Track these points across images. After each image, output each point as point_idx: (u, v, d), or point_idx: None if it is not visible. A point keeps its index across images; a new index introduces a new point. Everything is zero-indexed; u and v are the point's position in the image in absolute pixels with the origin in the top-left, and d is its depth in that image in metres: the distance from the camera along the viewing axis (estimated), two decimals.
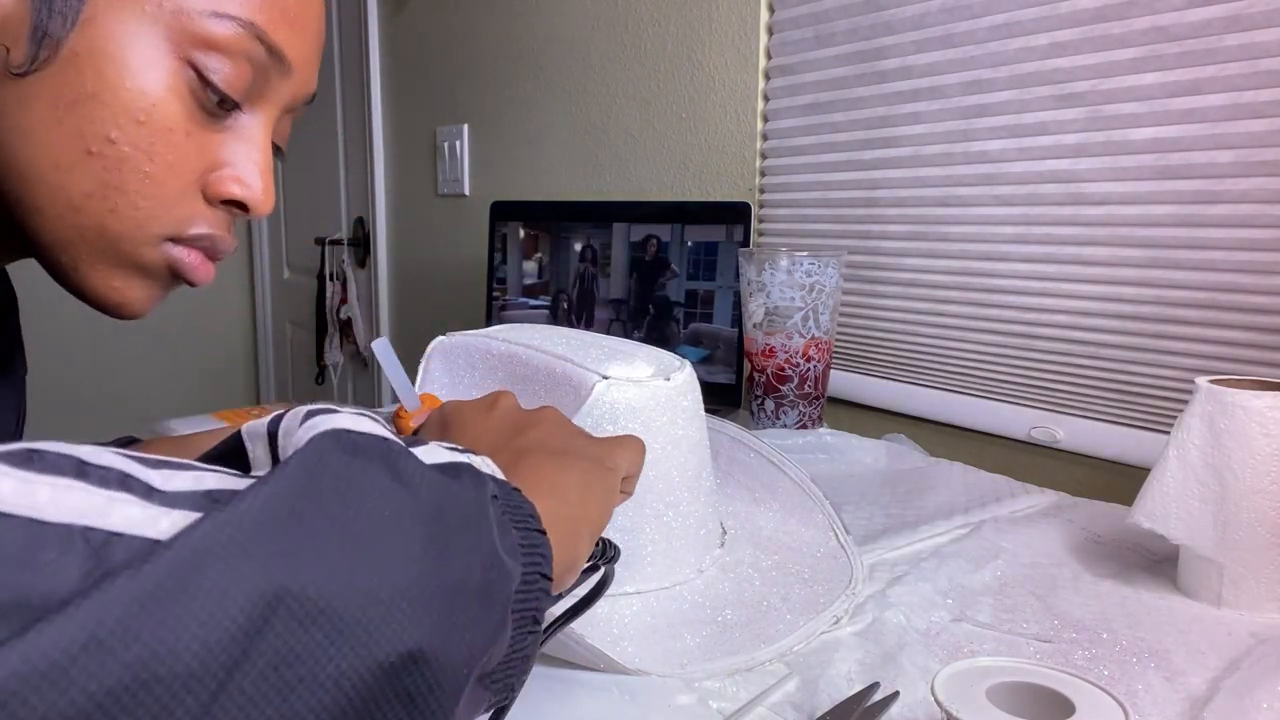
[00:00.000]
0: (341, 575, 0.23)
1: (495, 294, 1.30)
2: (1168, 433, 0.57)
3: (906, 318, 0.99)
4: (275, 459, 0.28)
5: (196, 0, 0.42)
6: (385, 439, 0.27)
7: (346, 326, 2.10)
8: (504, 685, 0.30)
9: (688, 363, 0.59)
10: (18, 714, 0.18)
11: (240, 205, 0.47)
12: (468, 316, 1.72)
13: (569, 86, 1.45)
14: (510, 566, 0.28)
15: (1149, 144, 0.78)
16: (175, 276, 0.47)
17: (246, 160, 0.46)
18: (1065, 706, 0.37)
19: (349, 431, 0.27)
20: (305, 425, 0.27)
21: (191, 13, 0.42)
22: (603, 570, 0.39)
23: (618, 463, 0.41)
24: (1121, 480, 0.81)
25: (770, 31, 1.12)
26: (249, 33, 0.43)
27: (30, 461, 0.21)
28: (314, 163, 2.27)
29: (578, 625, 0.47)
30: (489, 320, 1.31)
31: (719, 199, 1.20)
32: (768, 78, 1.12)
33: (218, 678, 0.20)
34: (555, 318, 1.23)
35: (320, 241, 2.13)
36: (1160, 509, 0.56)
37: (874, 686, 0.44)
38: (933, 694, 0.37)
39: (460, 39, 1.69)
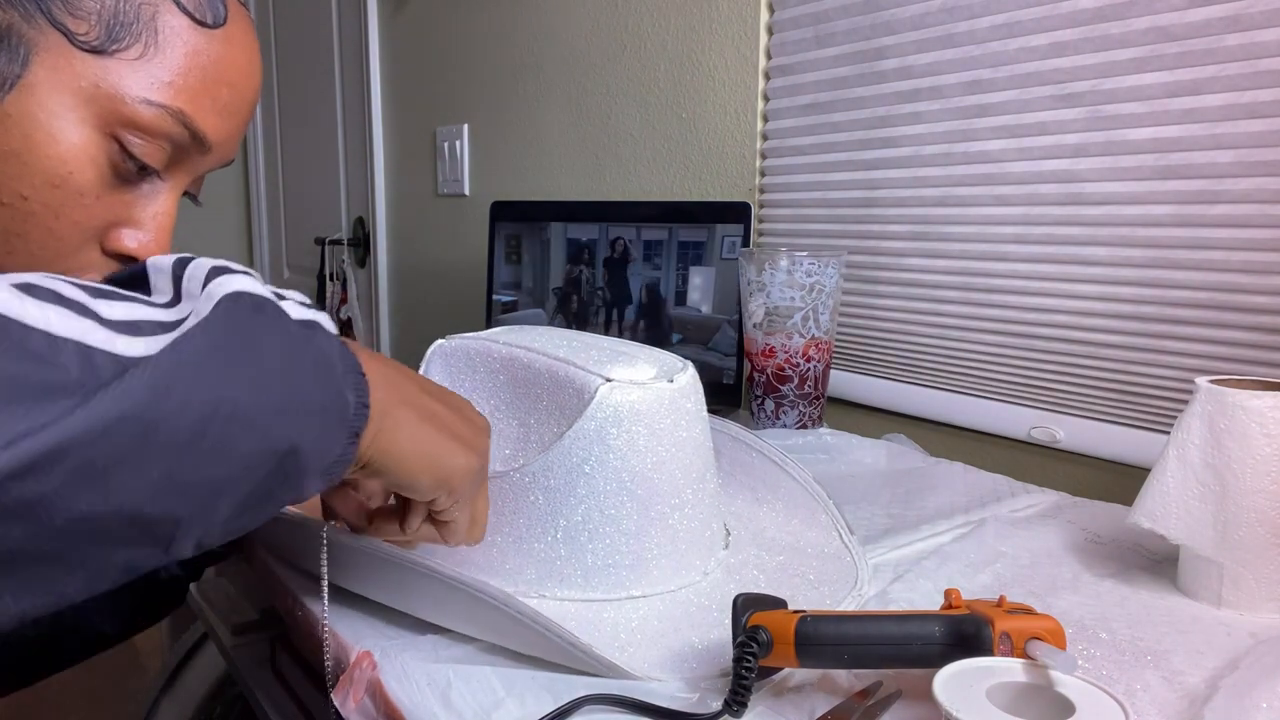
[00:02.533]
0: (251, 392, 0.35)
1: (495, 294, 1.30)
2: (1168, 433, 0.57)
3: (906, 318, 0.99)
4: (177, 294, 0.38)
5: (131, 88, 0.45)
6: (270, 299, 0.38)
7: (346, 326, 2.10)
8: (330, 476, 0.41)
9: (689, 364, 0.59)
10: (93, 454, 0.31)
11: (132, 258, 0.50)
12: (468, 316, 1.72)
13: (569, 86, 1.45)
14: (349, 397, 0.40)
15: (1149, 144, 0.78)
16: None
17: (151, 221, 0.50)
18: (1065, 706, 0.37)
19: (246, 293, 0.37)
20: (214, 281, 0.37)
21: (125, 99, 0.45)
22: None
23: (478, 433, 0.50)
24: (1121, 480, 0.81)
25: (770, 31, 1.12)
26: (176, 119, 0.47)
27: (32, 291, 0.32)
28: (314, 163, 2.27)
29: (583, 633, 0.47)
30: (489, 321, 1.31)
31: (719, 199, 1.20)
32: (768, 78, 1.12)
33: (180, 446, 0.33)
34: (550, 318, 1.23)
35: (320, 241, 2.13)
36: (1160, 509, 0.56)
37: (875, 686, 0.45)
38: (933, 694, 0.37)
39: (460, 39, 1.69)
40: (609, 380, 0.54)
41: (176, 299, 0.37)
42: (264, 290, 0.39)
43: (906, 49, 0.95)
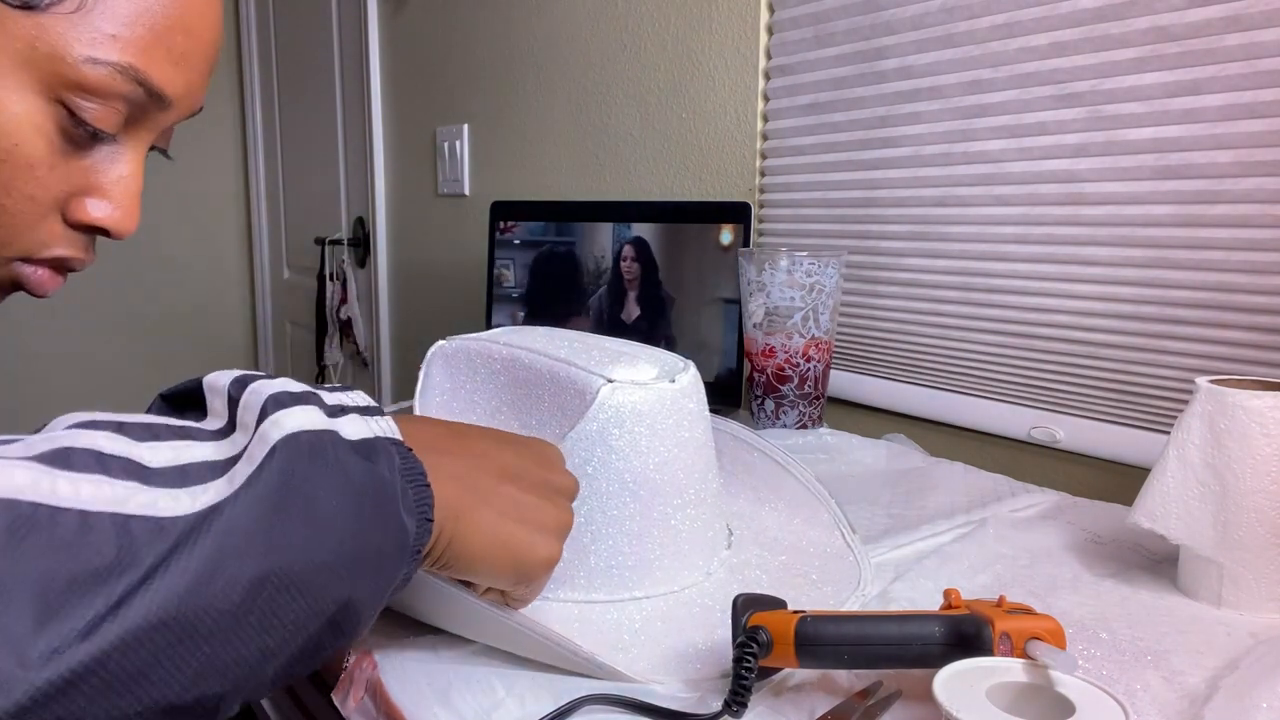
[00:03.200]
0: (304, 554, 0.33)
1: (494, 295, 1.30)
2: (1168, 433, 0.57)
3: (906, 318, 0.99)
4: (231, 422, 0.36)
5: (72, 45, 0.40)
6: (327, 433, 0.36)
7: (346, 326, 2.10)
8: (401, 587, 0.39)
9: (691, 364, 0.59)
10: (130, 662, 0.29)
11: (100, 229, 0.46)
12: (468, 317, 1.72)
13: (569, 86, 1.45)
14: (409, 524, 0.37)
15: (1149, 144, 0.78)
16: (17, 288, 0.47)
17: (114, 186, 0.46)
18: (1065, 706, 0.37)
19: (303, 433, 0.35)
20: (270, 419, 0.35)
21: (67, 58, 0.40)
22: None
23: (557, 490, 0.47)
24: (1121, 480, 0.81)
25: (770, 31, 1.12)
26: (126, 76, 0.42)
27: (67, 461, 0.30)
28: (314, 163, 2.27)
29: (586, 635, 0.47)
30: (489, 321, 1.31)
31: (719, 199, 1.20)
32: (768, 78, 1.12)
33: (224, 629, 0.31)
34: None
35: (320, 241, 2.13)
36: (1160, 509, 0.56)
37: (875, 686, 0.45)
38: (933, 694, 0.37)
39: (460, 39, 1.69)
40: (610, 381, 0.53)
41: (230, 427, 0.35)
42: (322, 421, 0.36)
43: (906, 49, 0.95)
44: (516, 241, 1.28)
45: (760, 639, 0.43)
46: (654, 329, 1.12)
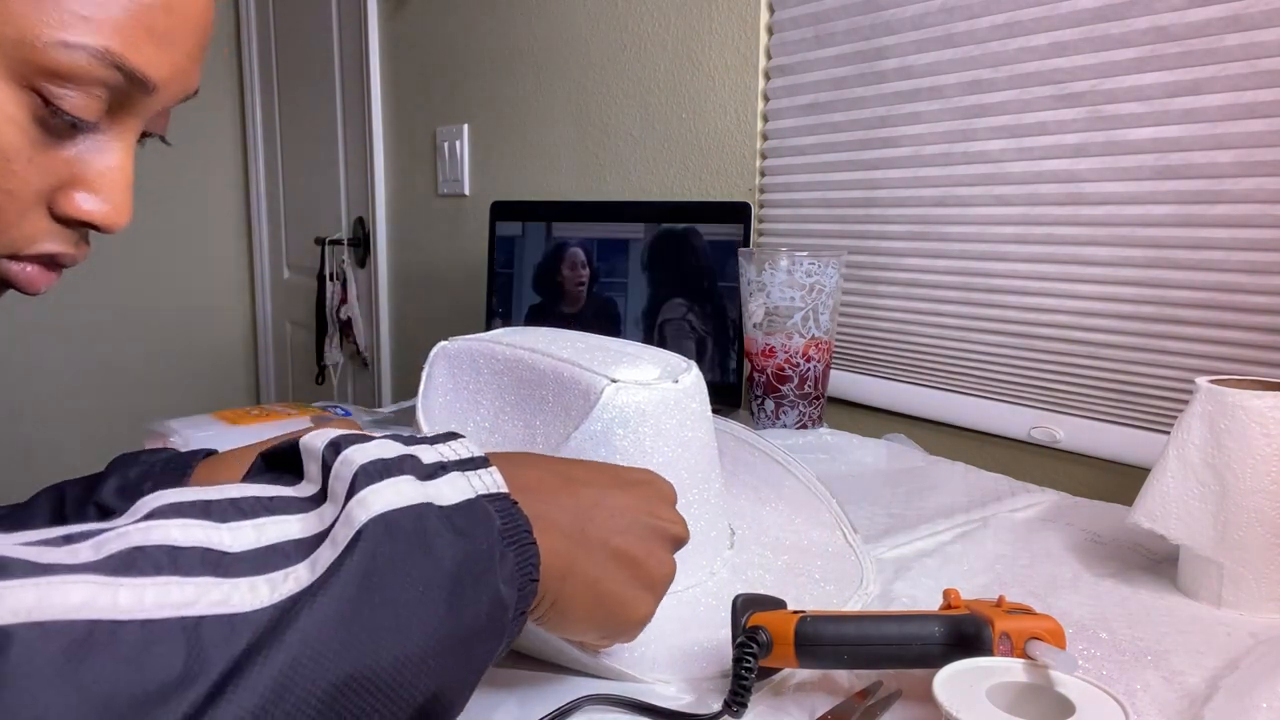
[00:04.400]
0: (387, 651, 0.30)
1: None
2: (1168, 433, 0.57)
3: (906, 318, 0.99)
4: (323, 490, 0.33)
5: (42, 29, 0.37)
6: (419, 508, 0.33)
7: (346, 326, 2.10)
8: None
9: (693, 364, 0.59)
10: None
11: (90, 224, 0.44)
12: (468, 317, 1.72)
13: (569, 86, 1.45)
14: (507, 595, 0.34)
15: (1149, 144, 0.78)
16: (7, 286, 0.45)
17: (102, 178, 0.43)
18: (1065, 706, 0.37)
19: (391, 513, 0.32)
20: (360, 494, 0.32)
21: (36, 43, 0.37)
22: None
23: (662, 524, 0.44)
24: (1121, 480, 0.81)
25: (770, 31, 1.12)
26: (103, 60, 0.39)
27: (133, 565, 0.28)
28: (314, 163, 2.27)
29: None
30: (489, 321, 1.31)
31: (719, 199, 1.20)
32: (768, 78, 1.12)
33: None
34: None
35: (320, 241, 2.13)
36: (1160, 509, 0.56)
37: (875, 686, 0.45)
38: (933, 694, 0.37)
39: (460, 39, 1.69)
40: (614, 381, 0.53)
41: (323, 495, 0.33)
42: (414, 492, 0.33)
43: (906, 49, 0.95)
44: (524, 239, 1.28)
45: (760, 639, 0.43)
46: (655, 329, 1.12)
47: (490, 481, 0.36)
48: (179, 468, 0.58)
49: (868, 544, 0.63)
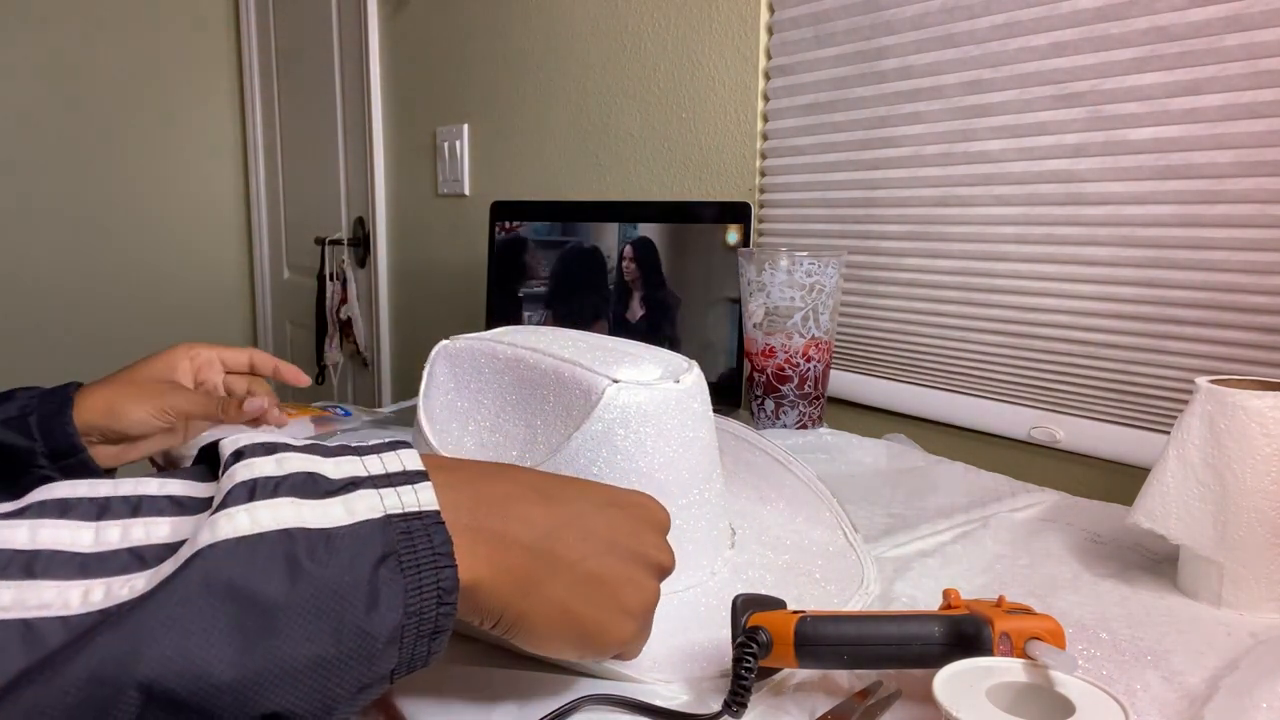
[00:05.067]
0: (197, 674, 0.30)
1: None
2: (1168, 433, 0.57)
3: (906, 318, 0.99)
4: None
5: None
6: (272, 535, 0.33)
7: (346, 326, 2.10)
8: (408, 669, 0.36)
9: (695, 364, 0.59)
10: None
11: None
12: (468, 317, 1.72)
13: (569, 86, 1.45)
14: (378, 622, 0.34)
15: (1149, 144, 0.78)
16: None
17: None
18: (1065, 706, 0.37)
19: (229, 542, 0.32)
20: (222, 514, 0.33)
21: None
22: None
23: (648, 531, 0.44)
24: (1121, 480, 0.81)
25: (770, 31, 1.12)
26: None
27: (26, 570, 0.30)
28: (314, 163, 2.27)
29: None
30: (489, 321, 1.31)
31: (719, 199, 1.20)
32: (768, 78, 1.12)
33: None
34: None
35: (320, 241, 2.13)
36: (1160, 509, 0.56)
37: (875, 686, 0.45)
38: (933, 694, 0.37)
39: (460, 39, 1.69)
40: (616, 381, 0.53)
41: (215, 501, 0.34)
42: (287, 516, 0.34)
43: (906, 49, 0.95)
44: (532, 239, 1.28)
45: (760, 639, 0.43)
46: (656, 329, 1.12)
47: (413, 500, 0.36)
48: (60, 399, 0.66)
49: (868, 544, 0.63)
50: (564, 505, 0.41)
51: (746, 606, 0.45)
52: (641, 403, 0.53)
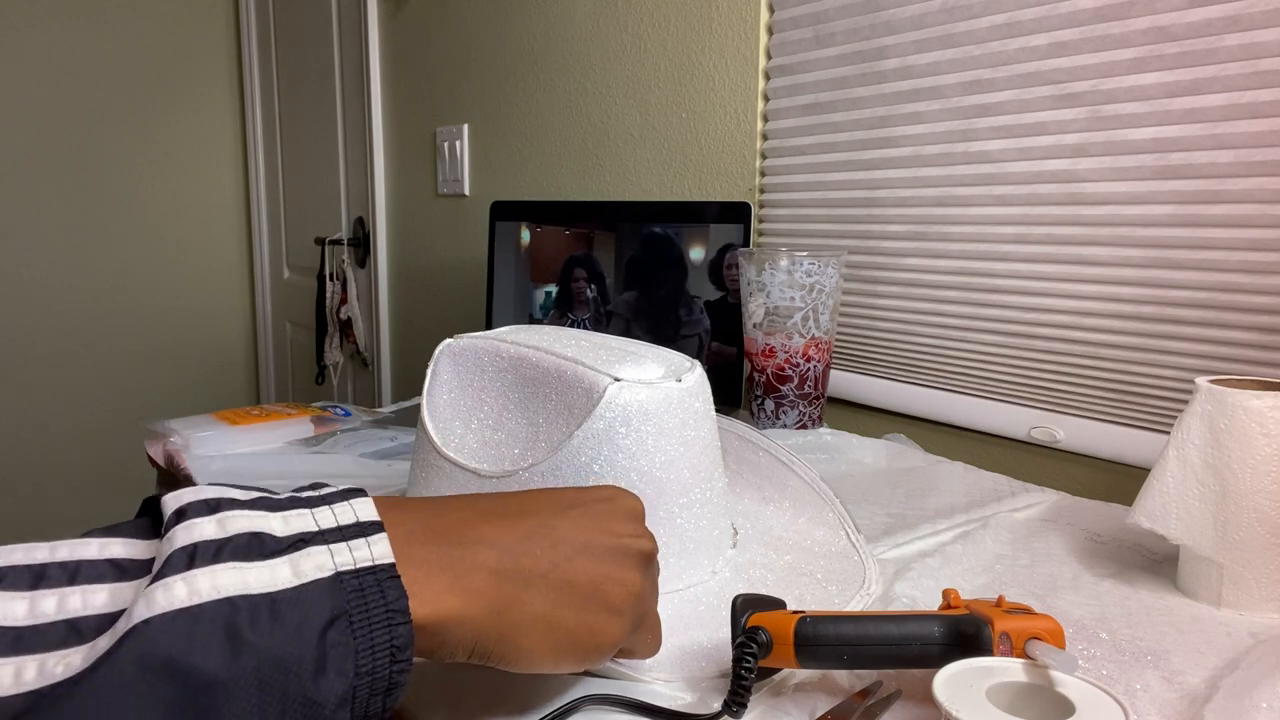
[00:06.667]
0: None
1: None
2: (1168, 433, 0.57)
3: (906, 318, 0.99)
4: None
5: None
6: (210, 606, 0.31)
7: (346, 326, 2.10)
8: None
9: (698, 364, 0.59)
10: None
11: None
12: (468, 317, 1.72)
13: (569, 86, 1.45)
14: (325, 688, 0.32)
15: (1149, 144, 0.78)
16: None
17: None
18: (1065, 707, 0.37)
19: (165, 616, 0.30)
20: (159, 584, 0.31)
21: None
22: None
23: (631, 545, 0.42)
24: (1121, 480, 0.81)
25: (770, 31, 1.12)
26: None
27: None
28: (314, 163, 2.27)
29: None
30: (489, 320, 1.31)
31: (719, 199, 1.20)
32: (768, 78, 1.12)
33: None
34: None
35: (320, 241, 2.13)
36: (1160, 509, 0.56)
37: (875, 686, 0.45)
38: (933, 694, 0.37)
39: (460, 39, 1.69)
40: (618, 380, 0.53)
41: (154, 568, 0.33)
42: (228, 583, 0.32)
43: (906, 49, 0.95)
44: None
45: (760, 639, 0.43)
46: (656, 328, 1.12)
47: (365, 554, 0.35)
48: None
49: (869, 544, 0.63)
50: (524, 519, 0.40)
51: (746, 607, 0.45)
52: (643, 401, 0.53)
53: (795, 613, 0.44)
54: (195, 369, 2.60)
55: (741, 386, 1.04)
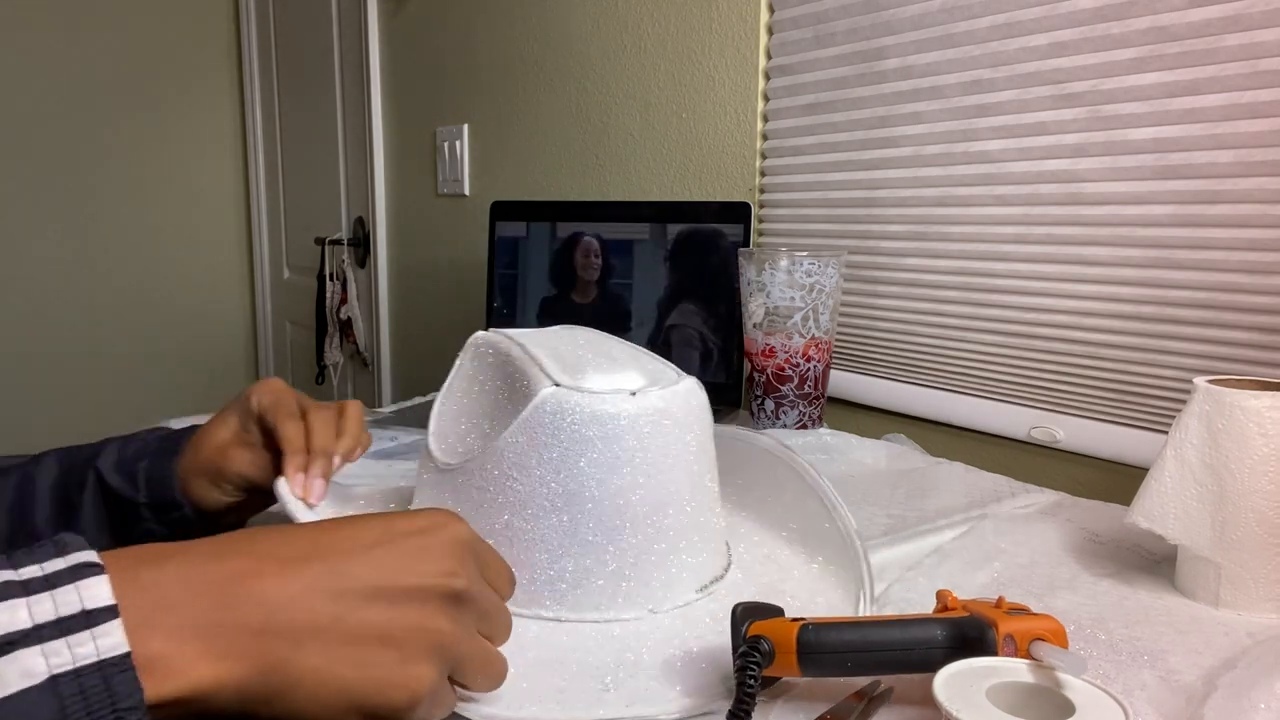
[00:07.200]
0: None
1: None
2: (1168, 433, 0.57)
3: (906, 318, 0.99)
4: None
5: None
6: None
7: (346, 326, 2.11)
8: None
9: (684, 381, 0.54)
10: None
11: None
12: (468, 317, 1.72)
13: (569, 86, 1.45)
14: None
15: (1149, 144, 0.78)
16: None
17: None
18: (1065, 706, 0.37)
19: None
20: None
21: None
22: None
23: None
24: (1121, 480, 0.81)
25: (770, 31, 1.12)
26: None
27: None
28: (314, 163, 2.27)
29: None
30: (489, 321, 1.31)
31: (719, 199, 1.20)
32: (768, 78, 1.12)
33: None
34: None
35: (320, 241, 2.13)
36: (1158, 509, 0.56)
37: (874, 684, 0.45)
38: (933, 694, 0.38)
39: (460, 39, 1.69)
40: (557, 385, 0.50)
41: None
42: None
43: (906, 49, 0.95)
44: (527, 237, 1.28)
45: (762, 648, 0.42)
46: (655, 328, 1.12)
47: (89, 650, 0.31)
48: (170, 449, 0.60)
49: (868, 543, 0.63)
50: (310, 564, 0.36)
51: (746, 615, 0.45)
52: (572, 408, 0.50)
53: (796, 620, 0.44)
54: (195, 369, 2.61)
55: (741, 387, 1.04)
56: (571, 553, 0.51)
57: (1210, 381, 0.56)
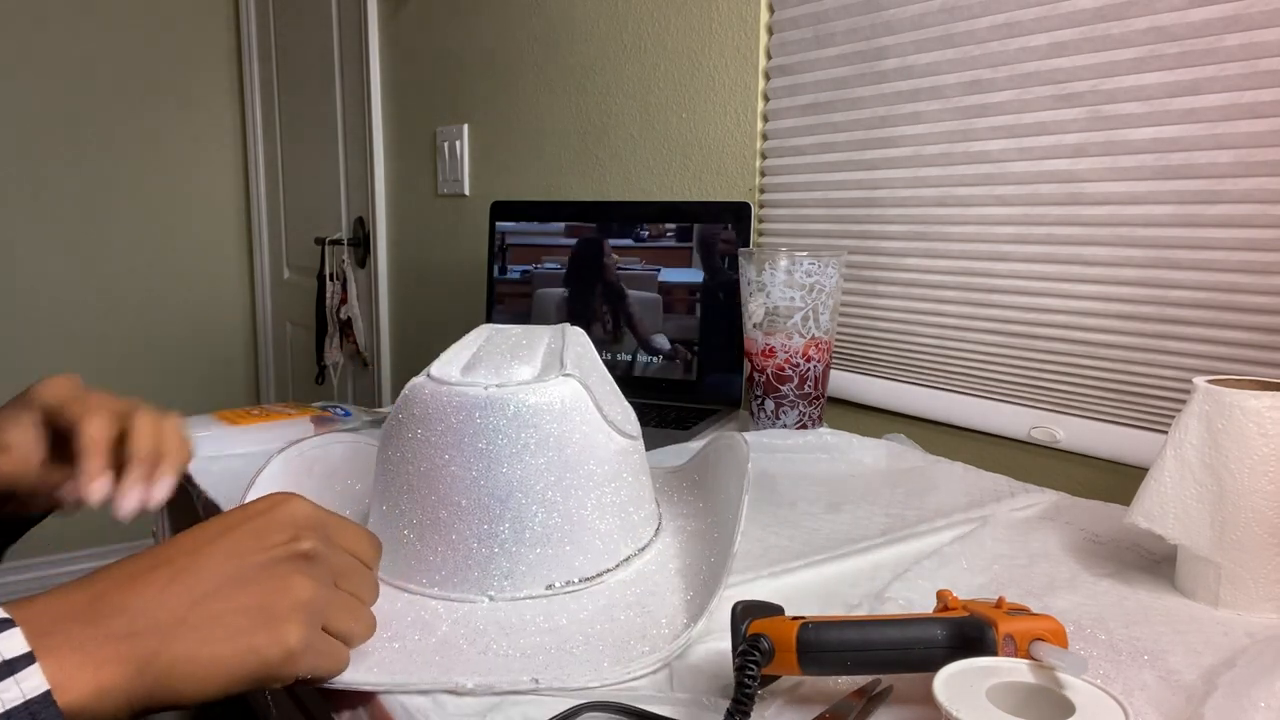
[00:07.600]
0: None
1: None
2: (1167, 433, 0.57)
3: (906, 318, 0.99)
4: None
5: None
6: None
7: (346, 326, 2.11)
8: None
9: (560, 383, 0.55)
10: None
11: None
12: (468, 316, 1.72)
13: (569, 86, 1.45)
14: None
15: (1149, 144, 0.78)
16: None
17: None
18: (1065, 706, 0.37)
19: None
20: None
21: None
22: None
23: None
24: (1121, 480, 0.81)
25: (770, 31, 1.12)
26: None
27: None
28: (314, 163, 2.27)
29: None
30: (488, 320, 1.31)
31: (719, 199, 1.20)
32: (768, 78, 1.12)
33: None
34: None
35: (320, 241, 2.13)
36: (1158, 509, 0.56)
37: (874, 683, 0.45)
38: (933, 694, 0.38)
39: (460, 39, 1.69)
40: (429, 376, 0.55)
41: None
42: None
43: (906, 49, 0.95)
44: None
45: (762, 647, 0.42)
46: (653, 327, 1.12)
47: (14, 694, 0.34)
48: None
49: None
50: (160, 569, 0.40)
51: (745, 614, 0.45)
52: (427, 399, 0.54)
53: (796, 618, 0.44)
54: (195, 369, 2.61)
55: (741, 387, 1.04)
56: (422, 531, 0.54)
57: (1210, 381, 0.56)
